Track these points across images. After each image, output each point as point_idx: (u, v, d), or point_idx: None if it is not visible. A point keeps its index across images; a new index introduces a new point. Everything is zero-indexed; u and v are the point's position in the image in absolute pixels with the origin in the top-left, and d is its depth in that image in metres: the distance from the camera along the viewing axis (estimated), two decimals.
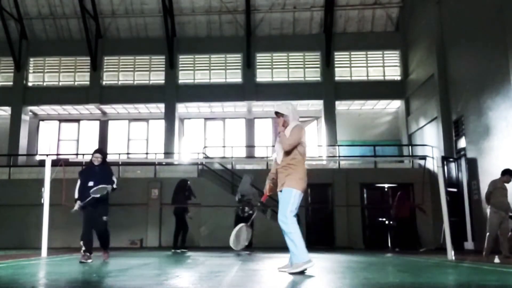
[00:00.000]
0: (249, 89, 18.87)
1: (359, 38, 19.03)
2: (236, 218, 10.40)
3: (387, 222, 15.66)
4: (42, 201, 8.55)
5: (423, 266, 5.80)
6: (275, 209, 12.70)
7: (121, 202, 14.53)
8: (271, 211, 12.39)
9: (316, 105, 19.09)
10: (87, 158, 18.91)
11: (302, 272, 4.41)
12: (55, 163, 9.08)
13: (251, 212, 10.17)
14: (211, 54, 19.46)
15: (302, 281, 3.90)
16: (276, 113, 4.80)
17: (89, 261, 6.32)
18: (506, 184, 8.73)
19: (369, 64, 19.14)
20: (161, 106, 19.27)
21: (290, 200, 4.56)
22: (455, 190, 13.16)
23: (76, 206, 6.60)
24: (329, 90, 18.66)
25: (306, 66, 19.39)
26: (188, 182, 11.54)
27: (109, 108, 19.96)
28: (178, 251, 10.56)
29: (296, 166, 4.62)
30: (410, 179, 15.25)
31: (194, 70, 19.60)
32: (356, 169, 16.25)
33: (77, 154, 19.44)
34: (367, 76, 19.03)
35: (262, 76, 19.28)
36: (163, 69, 19.39)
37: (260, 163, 16.98)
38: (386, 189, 16.02)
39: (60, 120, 20.53)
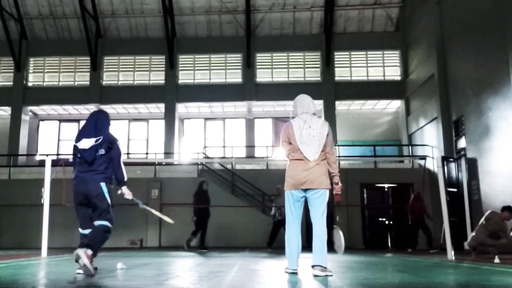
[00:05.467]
0: (249, 89, 18.87)
1: (359, 38, 19.04)
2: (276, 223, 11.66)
3: (387, 222, 15.67)
4: (42, 201, 8.56)
5: (423, 266, 5.80)
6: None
7: (121, 202, 14.55)
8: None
9: (316, 105, 19.06)
10: None
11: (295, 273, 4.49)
12: (55, 163, 9.08)
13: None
14: (211, 54, 19.46)
15: (301, 281, 3.90)
16: None
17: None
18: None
19: (369, 64, 19.14)
20: (161, 106, 19.27)
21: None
22: (455, 190, 13.16)
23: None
24: (329, 90, 18.67)
25: (306, 66, 19.39)
26: (203, 184, 11.91)
27: (109, 108, 19.92)
28: (204, 250, 11.05)
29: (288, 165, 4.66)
30: (410, 179, 15.24)
31: (194, 70, 19.60)
32: (356, 169, 16.25)
33: None
34: (367, 76, 19.04)
35: (262, 76, 19.28)
36: (163, 69, 19.39)
37: (260, 163, 16.99)
38: (386, 189, 16.02)
39: (60, 120, 20.53)
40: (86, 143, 4.61)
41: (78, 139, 4.70)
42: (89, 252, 4.31)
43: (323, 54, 18.84)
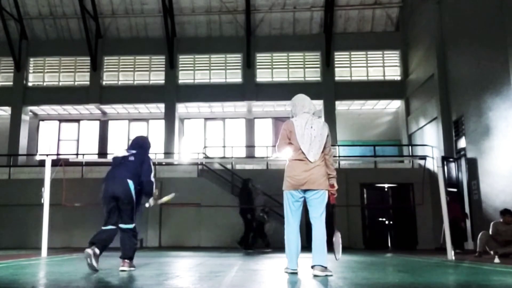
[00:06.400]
0: (249, 89, 18.87)
1: (359, 38, 19.03)
2: (259, 225, 11.52)
3: (387, 222, 15.67)
4: (42, 201, 8.56)
5: (423, 266, 5.80)
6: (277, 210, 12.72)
7: None
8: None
9: (316, 105, 19.04)
10: (87, 158, 18.99)
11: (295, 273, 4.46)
12: (55, 163, 9.08)
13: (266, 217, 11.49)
14: (211, 54, 19.46)
15: (302, 281, 3.90)
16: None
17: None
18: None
19: (369, 64, 19.14)
20: (161, 106, 19.27)
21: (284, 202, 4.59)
22: (455, 190, 13.16)
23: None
24: (329, 90, 18.66)
25: (306, 66, 19.39)
26: (250, 183, 11.62)
27: (109, 108, 19.96)
28: (251, 250, 10.65)
29: (287, 165, 4.58)
30: (410, 179, 15.25)
31: (194, 70, 19.60)
32: (356, 169, 16.25)
33: (77, 154, 19.43)
34: (367, 76, 19.03)
35: (262, 76, 19.28)
36: (163, 69, 19.39)
37: (260, 163, 16.98)
38: (386, 189, 16.02)
39: (60, 120, 20.53)
40: (120, 152, 5.36)
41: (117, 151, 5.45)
42: (127, 260, 4.99)
43: (323, 54, 18.84)
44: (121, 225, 5.08)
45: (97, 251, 4.76)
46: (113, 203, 5.05)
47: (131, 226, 5.09)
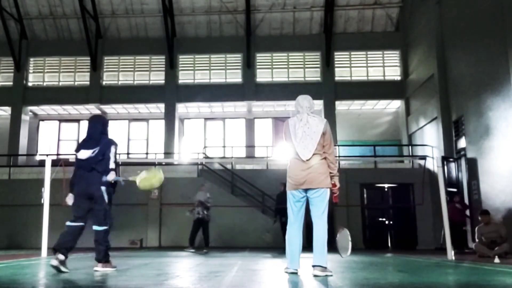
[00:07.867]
0: (249, 89, 18.87)
1: (359, 38, 19.04)
2: (199, 222, 10.94)
3: (387, 222, 15.67)
4: (42, 201, 8.56)
5: (423, 266, 5.80)
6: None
7: (121, 202, 14.54)
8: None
9: (316, 105, 19.01)
10: None
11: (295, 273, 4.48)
12: (55, 163, 9.08)
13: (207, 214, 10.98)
14: (211, 54, 19.46)
15: (302, 281, 3.90)
16: None
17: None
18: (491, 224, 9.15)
19: (369, 64, 19.14)
20: (161, 106, 19.27)
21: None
22: (455, 190, 13.16)
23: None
24: (329, 90, 18.66)
25: (306, 66, 19.39)
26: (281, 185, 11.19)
27: (109, 108, 19.96)
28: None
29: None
30: (410, 179, 15.24)
31: (194, 70, 19.60)
32: (356, 169, 16.25)
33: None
34: (367, 76, 19.04)
35: (262, 76, 19.28)
36: (163, 69, 19.39)
37: (260, 163, 16.98)
38: (386, 189, 16.02)
39: (60, 120, 20.53)
40: (84, 154, 5.10)
41: (78, 149, 5.17)
42: (100, 264, 4.89)
43: (323, 54, 18.84)
44: (94, 227, 5.04)
45: (61, 257, 4.68)
46: (87, 202, 5.03)
47: (103, 228, 5.03)
